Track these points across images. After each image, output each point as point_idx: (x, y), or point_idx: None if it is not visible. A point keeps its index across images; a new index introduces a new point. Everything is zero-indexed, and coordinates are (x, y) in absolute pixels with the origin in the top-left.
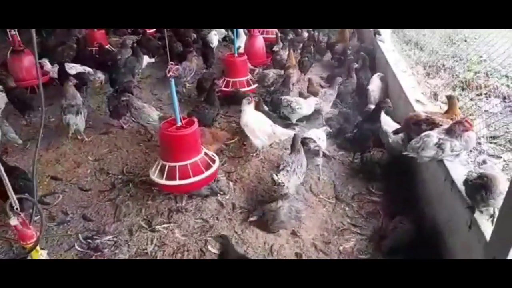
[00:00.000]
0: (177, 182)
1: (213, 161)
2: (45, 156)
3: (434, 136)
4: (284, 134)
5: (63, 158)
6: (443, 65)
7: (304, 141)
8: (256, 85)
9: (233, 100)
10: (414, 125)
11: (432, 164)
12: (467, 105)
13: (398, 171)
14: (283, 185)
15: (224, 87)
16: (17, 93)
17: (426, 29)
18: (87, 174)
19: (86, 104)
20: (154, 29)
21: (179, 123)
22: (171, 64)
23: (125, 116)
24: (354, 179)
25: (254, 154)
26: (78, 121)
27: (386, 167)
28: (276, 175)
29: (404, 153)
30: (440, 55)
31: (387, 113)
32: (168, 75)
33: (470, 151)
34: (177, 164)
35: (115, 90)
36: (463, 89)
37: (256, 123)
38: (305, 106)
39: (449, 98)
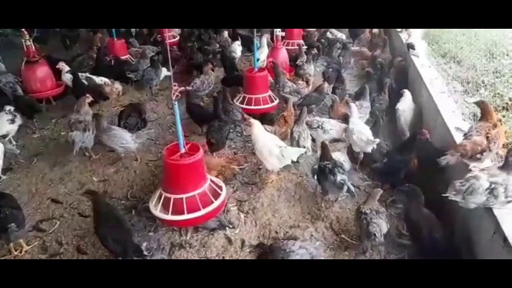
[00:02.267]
0: (184, 217)
1: (220, 188)
2: (49, 174)
3: (484, 179)
4: (296, 153)
5: (68, 177)
6: (483, 82)
7: (332, 170)
8: (277, 101)
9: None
10: None
11: (478, 210)
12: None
13: (435, 211)
14: None
15: (245, 104)
16: (25, 99)
17: (464, 42)
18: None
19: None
20: (175, 39)
21: (182, 150)
22: (175, 85)
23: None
24: None
25: (270, 182)
26: (85, 139)
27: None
28: None
29: (446, 195)
30: (479, 71)
31: (422, 144)
32: (172, 98)
33: None
34: (184, 196)
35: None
36: (507, 110)
37: (264, 145)
38: (338, 128)
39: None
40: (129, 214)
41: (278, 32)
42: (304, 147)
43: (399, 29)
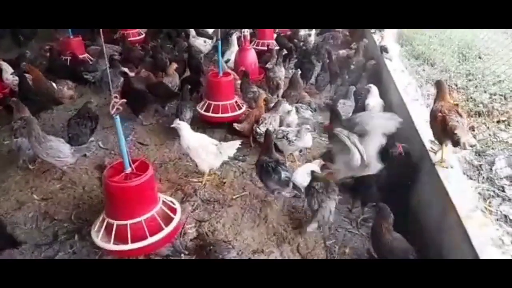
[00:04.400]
0: (128, 247)
1: (174, 211)
2: None
3: None
4: (232, 146)
5: (5, 196)
6: (456, 85)
7: (276, 168)
8: (244, 108)
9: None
10: None
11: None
12: (484, 135)
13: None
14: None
15: (205, 111)
16: None
17: (437, 44)
18: (28, 219)
19: (49, 123)
20: (140, 37)
21: (128, 169)
22: (115, 97)
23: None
24: (352, 238)
25: (235, 196)
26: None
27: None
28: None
29: None
30: (452, 73)
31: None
32: (112, 112)
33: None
34: (128, 222)
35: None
36: (479, 115)
37: (199, 144)
38: (306, 137)
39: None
40: (71, 240)
41: (246, 31)
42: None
43: (372, 30)
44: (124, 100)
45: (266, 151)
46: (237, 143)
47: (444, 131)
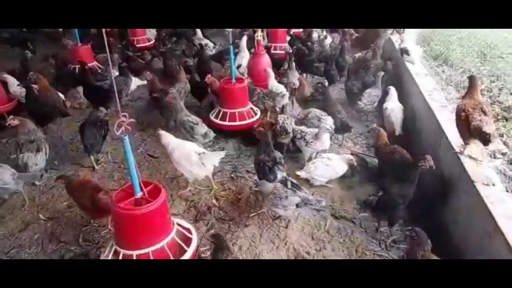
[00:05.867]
0: None
1: (188, 241)
2: None
3: None
4: (216, 156)
5: (10, 215)
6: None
7: (272, 168)
8: (258, 115)
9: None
10: None
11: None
12: None
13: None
14: None
15: (220, 119)
16: None
17: (456, 44)
18: (32, 242)
19: (57, 135)
20: (150, 43)
21: (138, 194)
22: (124, 116)
23: (101, 153)
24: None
25: (252, 214)
26: (38, 161)
27: None
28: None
29: None
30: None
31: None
32: (118, 133)
33: None
34: (135, 253)
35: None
36: (507, 120)
37: (180, 154)
38: (324, 138)
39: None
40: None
41: (259, 35)
42: (287, 132)
43: (390, 31)
44: (133, 120)
45: (264, 150)
46: (221, 154)
47: (468, 129)
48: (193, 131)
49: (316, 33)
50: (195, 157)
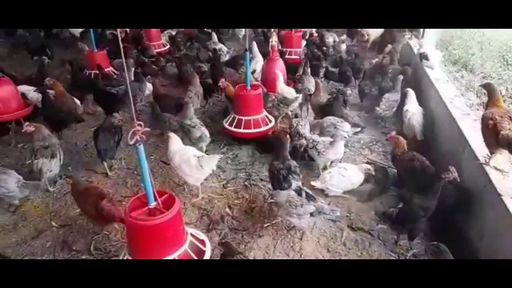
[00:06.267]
0: None
1: (202, 253)
2: (1, 218)
3: None
4: (213, 160)
5: (24, 222)
6: (501, 93)
7: (286, 178)
8: (273, 122)
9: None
10: None
11: None
12: None
13: None
14: None
15: (235, 126)
16: None
17: (475, 48)
18: (44, 250)
19: (72, 141)
20: (165, 48)
21: (152, 203)
22: (139, 125)
23: (115, 159)
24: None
25: (266, 225)
26: (53, 167)
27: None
28: None
29: None
30: (494, 80)
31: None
32: (131, 142)
33: None
34: None
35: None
36: None
37: (180, 159)
38: (338, 147)
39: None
40: None
41: (274, 41)
42: (301, 135)
43: (407, 35)
44: (148, 129)
45: (279, 157)
46: (217, 157)
47: (496, 139)
48: (189, 133)
49: (331, 38)
50: (193, 160)
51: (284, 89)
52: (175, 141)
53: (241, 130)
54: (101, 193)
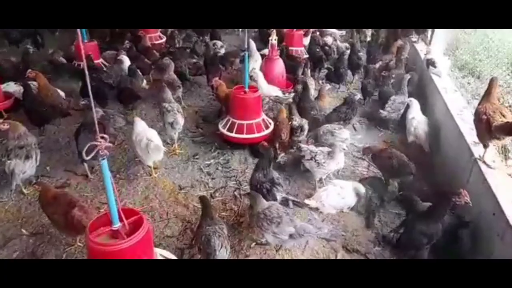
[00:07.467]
0: None
1: None
2: None
3: None
4: (159, 150)
5: None
6: (509, 104)
7: (271, 190)
8: (272, 126)
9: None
10: None
11: None
12: None
13: None
14: None
15: (230, 131)
16: None
17: (483, 54)
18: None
19: (54, 137)
20: (162, 40)
21: (117, 225)
22: (102, 138)
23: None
24: None
25: (252, 245)
26: (27, 168)
27: None
28: None
29: None
30: (503, 88)
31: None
32: (87, 158)
33: None
34: None
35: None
36: None
37: (136, 137)
38: (338, 157)
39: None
40: None
41: (273, 39)
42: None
43: (414, 38)
44: (110, 145)
45: (259, 168)
46: (163, 149)
47: (489, 133)
48: (164, 117)
49: (330, 38)
50: (143, 143)
51: (264, 87)
52: (139, 124)
53: (243, 136)
54: (71, 200)
